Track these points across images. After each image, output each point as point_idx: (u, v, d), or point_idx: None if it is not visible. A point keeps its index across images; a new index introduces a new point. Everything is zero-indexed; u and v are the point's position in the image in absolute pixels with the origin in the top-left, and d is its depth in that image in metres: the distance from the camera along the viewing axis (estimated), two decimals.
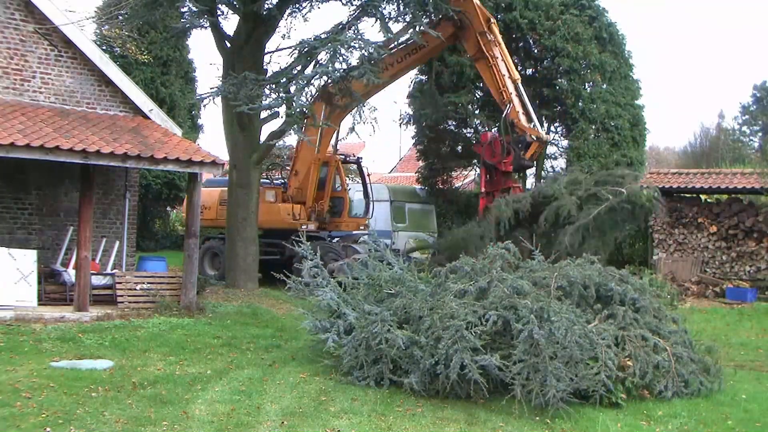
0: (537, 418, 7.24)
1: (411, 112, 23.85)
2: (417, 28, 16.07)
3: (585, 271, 9.03)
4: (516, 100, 15.39)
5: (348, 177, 22.47)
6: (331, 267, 14.83)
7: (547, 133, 23.84)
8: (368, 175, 19.60)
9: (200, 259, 17.09)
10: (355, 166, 20.42)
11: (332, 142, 18.58)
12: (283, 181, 19.35)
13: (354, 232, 18.67)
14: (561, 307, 7.81)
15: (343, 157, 19.05)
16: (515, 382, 7.29)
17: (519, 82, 15.89)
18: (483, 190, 15.95)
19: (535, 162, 16.34)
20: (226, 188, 17.53)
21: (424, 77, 23.45)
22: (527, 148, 15.28)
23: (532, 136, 15.31)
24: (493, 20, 16.36)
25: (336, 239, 17.96)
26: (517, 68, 23.21)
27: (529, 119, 15.65)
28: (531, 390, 7.25)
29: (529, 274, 9.02)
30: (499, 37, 16.27)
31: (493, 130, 17.23)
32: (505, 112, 15.43)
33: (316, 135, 17.44)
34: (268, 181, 19.36)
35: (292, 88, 14.72)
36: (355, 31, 15.19)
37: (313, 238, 17.09)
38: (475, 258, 9.41)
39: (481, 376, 7.43)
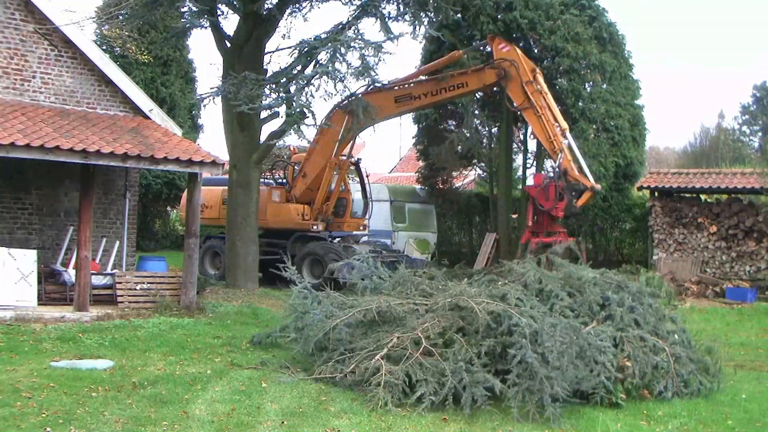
0: (537, 418, 7.23)
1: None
2: (418, 29, 16.08)
3: (583, 278, 9.06)
4: (567, 151, 15.23)
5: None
6: (331, 267, 15.26)
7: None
8: (367, 175, 19.70)
9: (201, 259, 17.33)
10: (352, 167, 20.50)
11: (346, 150, 18.50)
12: (282, 181, 19.32)
13: (354, 232, 18.78)
14: (555, 329, 7.76)
15: (354, 159, 19.27)
16: (512, 405, 7.26)
17: (567, 131, 15.77)
18: (529, 224, 15.83)
19: (582, 209, 16.19)
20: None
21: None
22: (580, 196, 15.17)
23: (586, 186, 15.15)
24: (538, 70, 16.20)
25: (337, 239, 18.01)
26: None
27: (580, 169, 15.55)
28: (528, 411, 7.25)
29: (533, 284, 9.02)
30: (545, 87, 16.06)
31: (545, 172, 17.22)
32: (558, 161, 15.27)
33: (332, 141, 17.51)
34: (272, 181, 19.35)
35: (292, 88, 14.72)
36: (355, 31, 15.19)
37: (315, 239, 17.34)
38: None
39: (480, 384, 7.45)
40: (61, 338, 10.05)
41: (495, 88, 16.89)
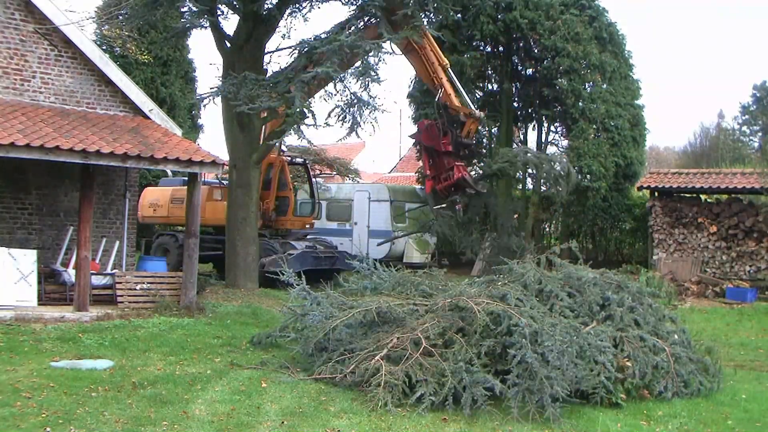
0: (537, 418, 7.23)
1: (411, 112, 23.88)
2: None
3: (582, 279, 9.06)
4: (447, 84, 15.63)
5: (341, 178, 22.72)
6: (262, 261, 16.22)
7: (548, 133, 23.91)
8: (314, 176, 20.46)
9: (153, 253, 18.13)
10: (301, 169, 21.46)
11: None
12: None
13: (299, 230, 19.18)
14: (555, 329, 7.77)
15: (289, 159, 19.75)
16: (511, 405, 7.25)
17: (448, 66, 16.07)
18: (428, 173, 16.33)
19: (474, 140, 16.73)
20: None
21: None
22: (462, 126, 15.64)
23: (465, 114, 15.64)
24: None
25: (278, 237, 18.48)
26: (516, 68, 23.45)
27: (462, 101, 16.01)
28: (528, 411, 7.25)
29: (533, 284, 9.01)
30: (425, 26, 16.28)
31: (429, 120, 17.45)
32: (437, 96, 15.78)
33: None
34: (216, 181, 19.72)
35: (292, 88, 14.71)
36: (355, 31, 15.18)
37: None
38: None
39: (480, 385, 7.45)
40: (61, 338, 10.05)
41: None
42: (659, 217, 19.78)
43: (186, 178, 19.77)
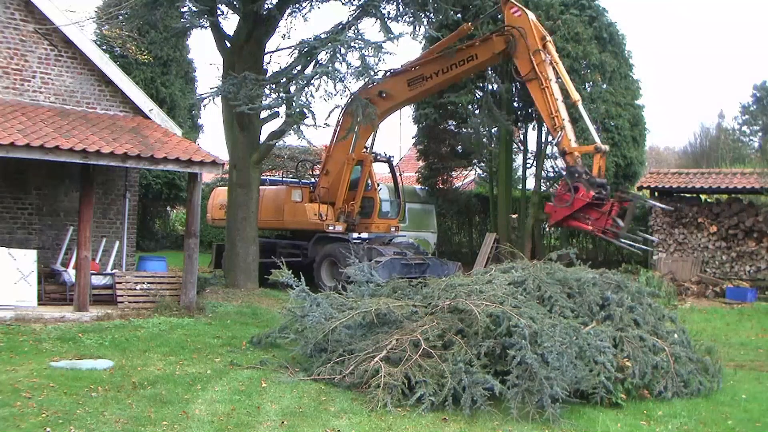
0: (537, 418, 7.23)
1: (411, 112, 23.87)
2: (418, 29, 16.06)
3: (582, 279, 9.06)
4: (568, 126, 13.86)
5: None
6: (342, 269, 14.06)
7: (548, 133, 23.87)
8: (400, 174, 19.03)
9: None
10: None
11: (367, 142, 17.85)
12: (310, 180, 18.91)
13: (383, 233, 18.11)
14: (555, 330, 7.76)
15: (374, 155, 18.27)
16: (511, 405, 7.25)
17: (580, 103, 14.42)
18: (591, 228, 13.80)
19: (604, 176, 14.10)
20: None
21: None
22: (579, 179, 13.53)
23: (580, 153, 13.88)
24: (549, 38, 14.91)
25: (364, 241, 17.37)
26: (516, 68, 23.36)
27: (588, 135, 14.41)
28: (528, 411, 7.24)
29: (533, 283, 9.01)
30: (556, 56, 14.77)
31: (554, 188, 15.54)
32: (556, 140, 14.20)
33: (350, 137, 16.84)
34: (296, 180, 19.05)
35: (292, 88, 14.72)
36: (355, 31, 15.19)
37: (337, 240, 16.80)
38: None
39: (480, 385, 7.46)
40: (61, 338, 10.05)
41: (506, 58, 15.54)
42: (659, 217, 19.78)
43: (266, 178, 19.50)
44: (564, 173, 14.08)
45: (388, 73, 16.23)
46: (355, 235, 17.39)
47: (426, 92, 17.05)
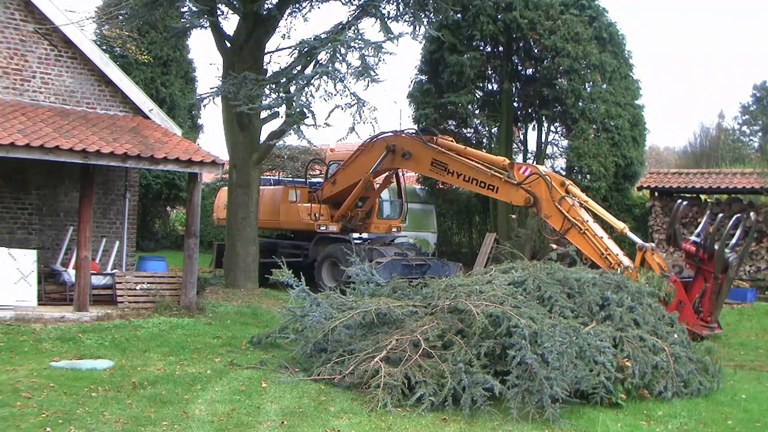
0: (537, 418, 7.23)
1: (411, 112, 23.87)
2: (418, 29, 16.07)
3: (582, 279, 9.06)
4: (625, 260, 12.67)
5: None
6: (342, 268, 14.10)
7: (548, 133, 23.89)
8: (403, 175, 18.93)
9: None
10: None
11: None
12: (308, 180, 18.79)
13: (385, 234, 18.02)
14: (555, 330, 7.76)
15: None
16: (511, 405, 7.24)
17: (627, 230, 13.55)
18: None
19: (665, 266, 12.71)
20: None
21: (424, 77, 23.47)
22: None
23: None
24: (568, 182, 14.00)
25: (365, 241, 17.33)
26: (516, 68, 23.47)
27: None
28: (528, 411, 7.24)
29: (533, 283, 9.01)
30: (583, 196, 13.92)
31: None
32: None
33: (370, 164, 16.24)
34: (301, 180, 19.00)
35: (292, 88, 14.73)
36: (355, 31, 15.20)
37: (338, 241, 16.72)
38: None
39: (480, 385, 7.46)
40: (61, 338, 10.05)
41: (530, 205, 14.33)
42: (659, 217, 19.77)
43: (270, 178, 19.50)
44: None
45: (421, 132, 15.66)
46: (356, 235, 17.35)
47: (438, 178, 16.71)
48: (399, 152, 15.39)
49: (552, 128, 23.81)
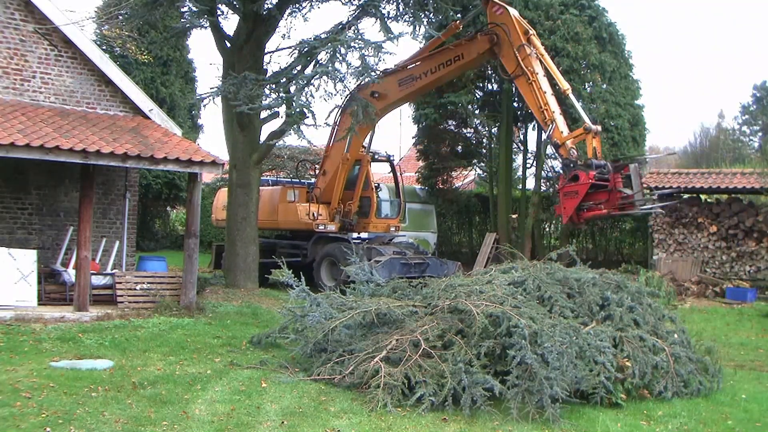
0: (537, 418, 7.23)
1: (411, 112, 23.88)
2: (418, 29, 16.05)
3: (582, 279, 9.06)
4: (560, 118, 13.81)
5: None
6: (343, 270, 13.66)
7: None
8: (401, 174, 19.01)
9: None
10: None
11: (365, 141, 17.81)
12: (309, 180, 18.95)
13: (384, 233, 18.10)
14: (555, 330, 7.77)
15: (372, 154, 18.20)
16: (511, 405, 7.24)
17: (569, 92, 14.41)
18: (615, 206, 13.57)
19: (602, 154, 14.12)
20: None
21: None
22: (576, 167, 13.51)
23: (571, 146, 13.67)
24: (532, 32, 14.81)
25: (363, 240, 17.46)
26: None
27: (577, 116, 14.35)
28: (528, 411, 7.24)
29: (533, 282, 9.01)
30: (542, 49, 14.64)
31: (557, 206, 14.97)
32: (547, 134, 14.09)
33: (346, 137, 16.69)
34: (298, 180, 19.12)
35: (292, 88, 14.72)
36: (355, 31, 15.19)
37: (337, 240, 16.80)
38: None
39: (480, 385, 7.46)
40: (61, 338, 10.05)
41: (493, 57, 15.50)
42: (659, 217, 19.78)
43: (268, 178, 19.75)
44: (561, 170, 13.92)
45: (381, 74, 16.14)
46: (355, 235, 17.40)
47: (417, 92, 17.01)
48: (366, 106, 15.30)
49: None
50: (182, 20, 17.41)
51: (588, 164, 13.47)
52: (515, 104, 23.29)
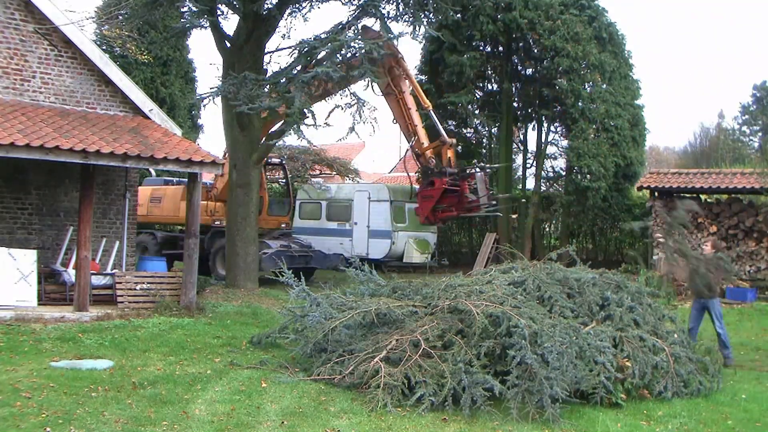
0: (537, 418, 7.23)
1: None
2: (418, 29, 16.05)
3: (582, 279, 9.06)
4: (421, 131, 16.02)
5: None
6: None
7: (548, 133, 23.90)
8: (289, 176, 21.09)
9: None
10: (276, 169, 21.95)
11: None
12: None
13: (274, 229, 19.64)
14: (555, 330, 7.77)
15: (275, 160, 20.70)
16: (511, 405, 7.24)
17: (431, 108, 16.41)
18: (463, 208, 16.18)
19: (455, 163, 16.60)
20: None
21: (424, 77, 23.47)
22: (432, 175, 15.74)
23: (434, 149, 15.83)
24: (401, 54, 16.37)
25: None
26: (516, 68, 23.47)
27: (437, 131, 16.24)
28: (528, 411, 7.24)
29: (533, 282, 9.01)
30: (409, 71, 16.58)
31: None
32: (410, 144, 16.22)
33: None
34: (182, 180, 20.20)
35: (292, 89, 14.72)
36: (355, 31, 15.19)
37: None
38: None
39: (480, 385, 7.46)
40: (61, 338, 10.05)
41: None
42: (659, 217, 19.75)
43: (165, 179, 21.27)
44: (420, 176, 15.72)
45: None
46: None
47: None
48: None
49: (552, 128, 23.83)
50: (182, 20, 17.40)
51: (442, 172, 15.79)
52: (515, 104, 23.31)
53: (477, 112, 23.16)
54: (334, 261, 19.28)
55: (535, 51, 22.17)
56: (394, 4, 16.39)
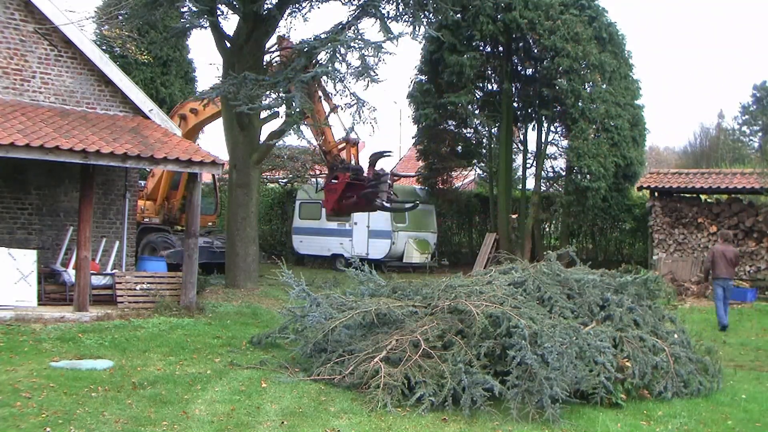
0: (537, 418, 7.23)
1: (411, 112, 23.88)
2: (418, 29, 16.05)
3: (582, 280, 9.06)
4: (328, 132, 16.87)
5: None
6: (161, 253, 17.87)
7: (547, 133, 23.88)
8: (219, 180, 21.54)
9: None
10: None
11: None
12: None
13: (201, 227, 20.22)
14: (554, 330, 7.77)
15: None
16: (511, 406, 7.24)
17: (338, 110, 16.73)
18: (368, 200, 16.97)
19: (357, 162, 17.42)
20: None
21: (424, 77, 23.46)
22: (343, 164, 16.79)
23: (338, 148, 16.79)
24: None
25: (181, 231, 19.34)
26: (516, 68, 23.45)
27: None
28: (528, 412, 7.24)
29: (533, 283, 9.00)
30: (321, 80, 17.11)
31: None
32: (318, 143, 17.21)
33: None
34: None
35: (292, 88, 14.71)
36: (355, 31, 15.18)
37: (157, 230, 19.42)
38: None
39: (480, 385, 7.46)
40: (61, 338, 10.05)
41: None
42: (659, 217, 19.77)
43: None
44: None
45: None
46: (179, 228, 19.55)
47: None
48: (188, 115, 18.48)
49: (552, 128, 23.80)
50: (182, 20, 17.40)
51: (346, 167, 16.84)
52: (515, 104, 23.29)
53: (477, 112, 23.14)
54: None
55: (535, 51, 22.15)
56: (394, 4, 16.39)
